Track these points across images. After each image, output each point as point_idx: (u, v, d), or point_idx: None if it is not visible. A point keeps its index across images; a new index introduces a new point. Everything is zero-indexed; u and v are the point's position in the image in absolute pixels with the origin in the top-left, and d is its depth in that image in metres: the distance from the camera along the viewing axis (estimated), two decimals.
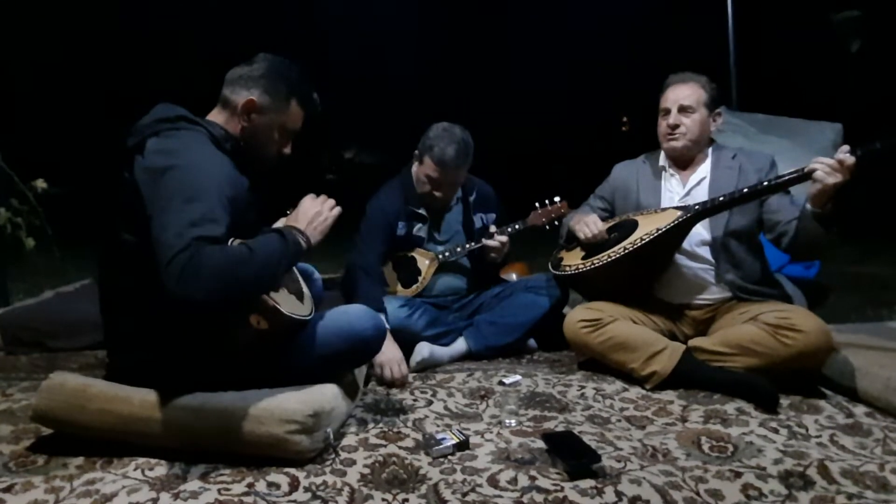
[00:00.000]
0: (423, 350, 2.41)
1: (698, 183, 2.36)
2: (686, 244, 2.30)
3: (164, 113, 1.67)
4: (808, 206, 2.03)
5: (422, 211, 2.69)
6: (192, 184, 1.49)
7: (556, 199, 2.69)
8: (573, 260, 2.45)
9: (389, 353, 2.24)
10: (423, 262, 2.67)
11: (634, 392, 2.14)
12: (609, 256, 2.27)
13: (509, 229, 2.64)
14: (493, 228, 2.64)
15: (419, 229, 2.69)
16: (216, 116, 1.80)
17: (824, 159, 1.97)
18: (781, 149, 3.25)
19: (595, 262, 2.31)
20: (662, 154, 2.46)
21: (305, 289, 1.90)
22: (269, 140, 1.82)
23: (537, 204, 2.70)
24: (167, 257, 1.39)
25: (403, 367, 2.27)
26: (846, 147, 1.97)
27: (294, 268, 1.88)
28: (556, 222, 2.68)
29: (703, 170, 2.38)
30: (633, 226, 2.33)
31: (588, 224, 2.40)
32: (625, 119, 13.14)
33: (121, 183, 1.62)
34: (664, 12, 9.23)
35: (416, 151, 2.64)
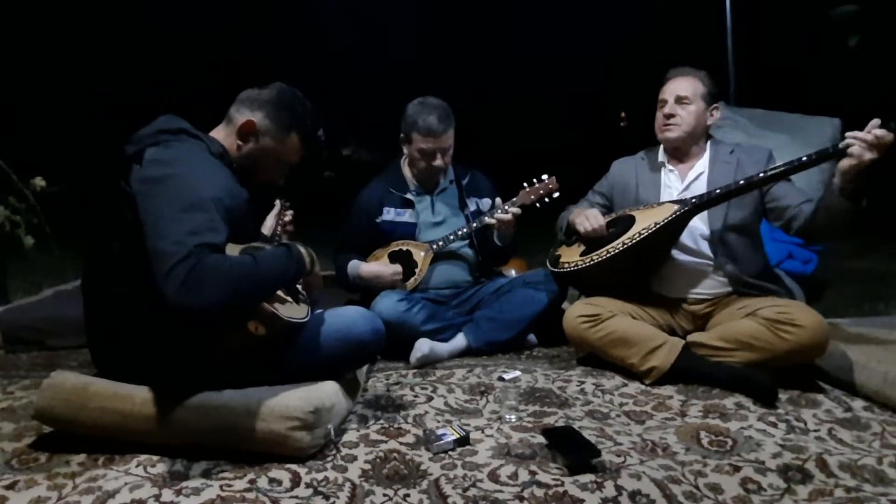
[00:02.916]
0: (424, 347, 2.41)
1: (696, 178, 2.37)
2: (685, 238, 2.30)
3: (165, 125, 1.67)
4: (836, 181, 1.99)
5: (409, 196, 2.71)
6: (190, 193, 1.49)
7: (545, 176, 2.68)
8: (571, 257, 2.45)
9: (377, 269, 2.62)
10: (419, 254, 2.68)
11: (634, 387, 2.15)
12: (608, 252, 2.28)
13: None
14: (498, 201, 2.65)
15: (409, 215, 2.71)
16: (218, 133, 1.80)
17: (861, 134, 1.90)
18: (780, 144, 3.24)
19: (593, 258, 2.31)
20: (661, 149, 2.47)
21: (302, 290, 1.90)
22: (261, 166, 1.81)
23: (525, 184, 2.69)
24: (168, 265, 1.37)
25: (391, 267, 2.59)
26: (877, 121, 1.92)
27: None
28: (547, 199, 2.66)
29: (702, 164, 2.39)
30: (631, 221, 2.34)
31: (588, 217, 2.40)
32: (623, 115, 13.15)
33: (115, 191, 1.60)
34: (663, 7, 9.23)
35: (402, 135, 2.68)
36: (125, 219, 1.54)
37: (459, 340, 2.54)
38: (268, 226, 2.30)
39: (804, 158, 2.06)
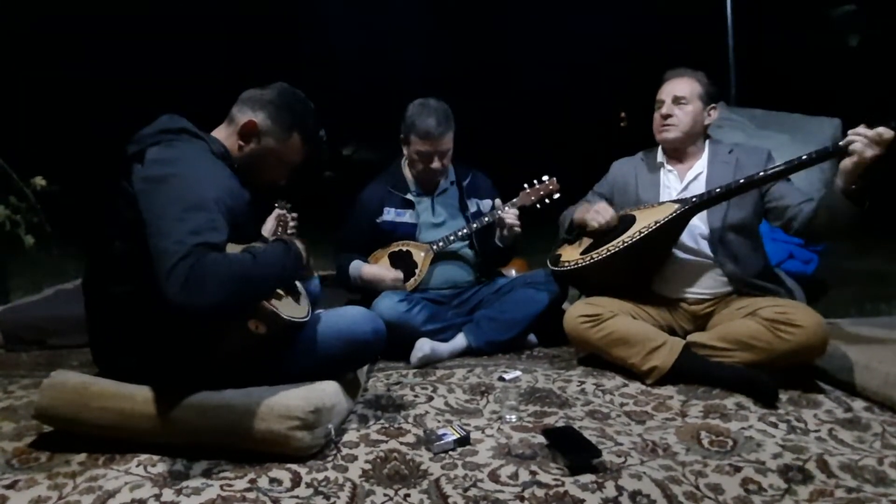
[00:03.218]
0: (425, 346, 2.41)
1: (695, 178, 2.38)
2: (685, 238, 2.31)
3: (167, 124, 1.67)
4: (839, 182, 1.99)
5: (409, 196, 2.71)
6: (192, 192, 1.49)
7: (545, 177, 2.68)
8: (572, 256, 2.45)
9: (378, 272, 2.60)
10: (419, 254, 2.68)
11: (634, 387, 2.15)
12: (608, 250, 2.28)
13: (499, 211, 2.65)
14: (498, 202, 2.65)
15: (410, 215, 2.71)
16: (220, 133, 1.79)
17: (863, 130, 1.91)
18: (780, 144, 3.25)
19: (594, 256, 2.31)
20: (660, 150, 2.48)
21: (302, 289, 1.90)
22: (263, 166, 1.81)
23: (526, 185, 2.69)
24: (169, 265, 1.37)
25: (392, 272, 2.57)
26: (863, 124, 1.93)
27: None
28: (547, 200, 2.67)
29: (700, 165, 2.40)
30: (631, 220, 2.34)
31: (600, 211, 2.40)
32: (623, 115, 13.15)
33: (117, 191, 1.60)
34: (664, 7, 9.22)
35: (401, 136, 2.69)
36: (127, 218, 1.54)
37: (460, 340, 2.54)
38: (268, 228, 2.30)
39: (804, 157, 2.07)
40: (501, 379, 2.24)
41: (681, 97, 2.35)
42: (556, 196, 2.67)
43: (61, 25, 8.23)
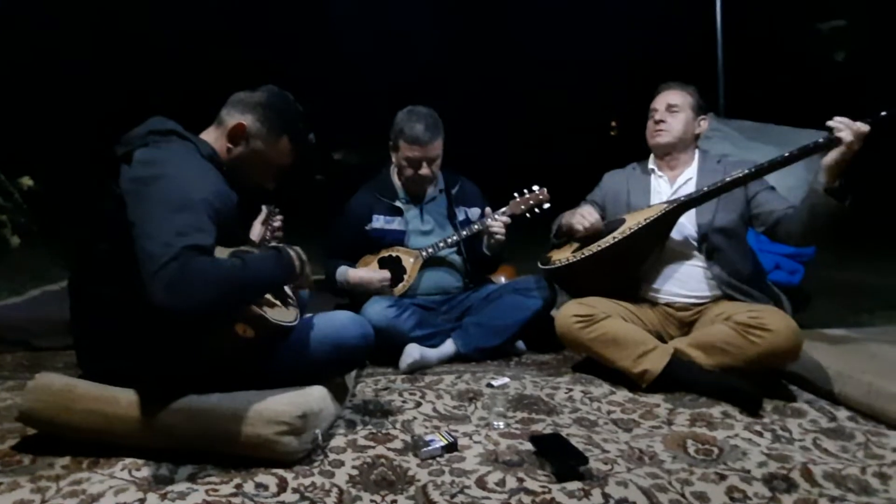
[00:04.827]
0: (414, 352, 2.41)
1: (685, 183, 2.43)
2: (674, 242, 2.33)
3: (156, 126, 1.66)
4: (821, 179, 2.05)
5: (398, 204, 2.72)
6: (179, 194, 1.48)
7: (535, 187, 2.70)
8: (562, 255, 2.47)
9: (366, 275, 2.61)
10: (408, 260, 2.68)
11: (621, 395, 2.16)
12: (598, 246, 2.30)
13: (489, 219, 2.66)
14: (488, 210, 2.66)
15: (399, 223, 2.72)
16: (209, 135, 1.78)
17: (847, 122, 1.98)
18: (767, 156, 3.23)
19: (584, 252, 2.33)
20: (651, 157, 2.53)
21: (291, 294, 1.89)
22: (252, 169, 1.80)
23: (516, 194, 2.70)
24: (155, 266, 1.37)
25: (379, 273, 2.58)
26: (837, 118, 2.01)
27: None
28: (537, 209, 2.68)
29: (690, 171, 2.45)
30: (621, 222, 2.38)
31: (584, 215, 2.43)
32: (613, 123, 13.25)
33: (104, 191, 1.59)
34: (653, 19, 9.31)
35: (390, 142, 2.69)
36: (114, 219, 1.53)
37: (448, 346, 2.54)
38: (256, 231, 2.29)
39: (787, 154, 2.13)
40: (490, 385, 2.24)
41: (673, 105, 2.42)
42: (546, 206, 2.67)
43: (55, 24, 8.18)
